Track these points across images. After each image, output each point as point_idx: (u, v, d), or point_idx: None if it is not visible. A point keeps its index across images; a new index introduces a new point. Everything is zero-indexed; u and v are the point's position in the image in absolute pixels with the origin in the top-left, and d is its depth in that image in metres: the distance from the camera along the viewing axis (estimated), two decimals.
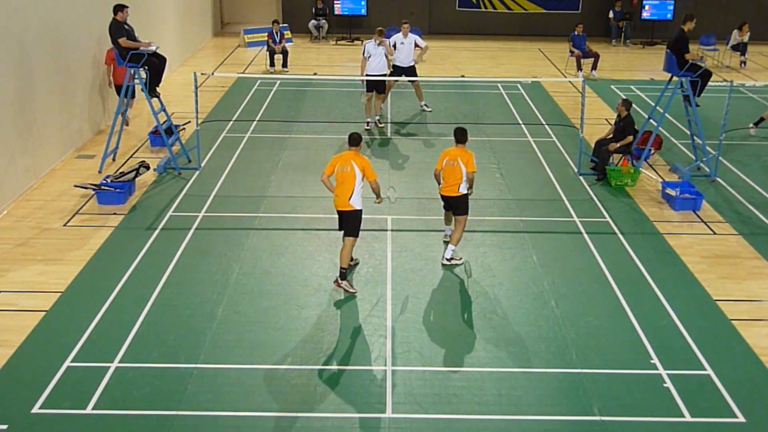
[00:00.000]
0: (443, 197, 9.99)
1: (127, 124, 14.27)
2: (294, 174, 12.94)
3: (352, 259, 9.56)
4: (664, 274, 9.67)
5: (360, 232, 9.21)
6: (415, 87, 16.77)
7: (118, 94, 17.87)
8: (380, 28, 15.36)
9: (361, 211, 9.10)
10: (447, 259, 9.87)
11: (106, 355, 7.74)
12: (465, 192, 9.75)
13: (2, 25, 11.35)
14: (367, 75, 15.13)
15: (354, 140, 9.18)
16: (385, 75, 15.25)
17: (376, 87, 15.33)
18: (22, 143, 11.88)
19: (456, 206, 9.85)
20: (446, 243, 10.17)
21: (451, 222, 10.24)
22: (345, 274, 9.11)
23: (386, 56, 15.19)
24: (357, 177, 8.94)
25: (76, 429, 6.76)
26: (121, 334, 8.11)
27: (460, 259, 9.91)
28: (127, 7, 12.58)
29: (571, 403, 7.21)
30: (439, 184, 9.91)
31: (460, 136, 9.80)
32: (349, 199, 8.97)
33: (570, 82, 19.62)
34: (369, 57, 15.11)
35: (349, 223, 9.13)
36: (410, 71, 15.95)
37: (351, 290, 9.08)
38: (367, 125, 15.59)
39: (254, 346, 8.02)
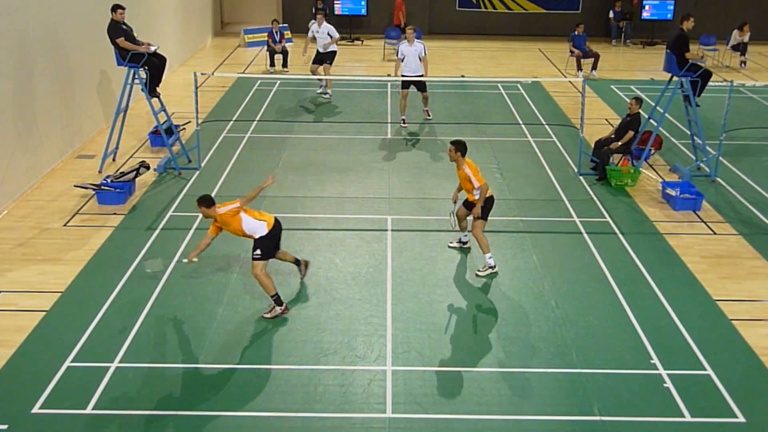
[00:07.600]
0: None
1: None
2: (294, 174, 12.94)
3: (299, 262, 9.25)
4: (664, 274, 9.67)
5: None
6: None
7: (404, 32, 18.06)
8: (411, 27, 15.44)
9: (262, 237, 8.49)
10: None
11: (106, 355, 7.74)
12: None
13: (2, 26, 11.35)
14: (402, 75, 15.23)
15: (200, 202, 8.39)
16: (421, 75, 15.18)
17: (416, 85, 15.36)
18: (22, 143, 11.88)
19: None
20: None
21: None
22: (279, 298, 8.58)
23: (420, 58, 15.09)
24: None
25: (76, 429, 6.75)
26: (121, 334, 8.11)
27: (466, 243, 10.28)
28: (123, 8, 12.56)
29: (571, 403, 7.21)
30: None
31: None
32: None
33: (570, 82, 19.62)
34: (403, 58, 15.14)
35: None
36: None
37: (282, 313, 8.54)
38: (403, 123, 15.77)
39: (254, 346, 8.02)
